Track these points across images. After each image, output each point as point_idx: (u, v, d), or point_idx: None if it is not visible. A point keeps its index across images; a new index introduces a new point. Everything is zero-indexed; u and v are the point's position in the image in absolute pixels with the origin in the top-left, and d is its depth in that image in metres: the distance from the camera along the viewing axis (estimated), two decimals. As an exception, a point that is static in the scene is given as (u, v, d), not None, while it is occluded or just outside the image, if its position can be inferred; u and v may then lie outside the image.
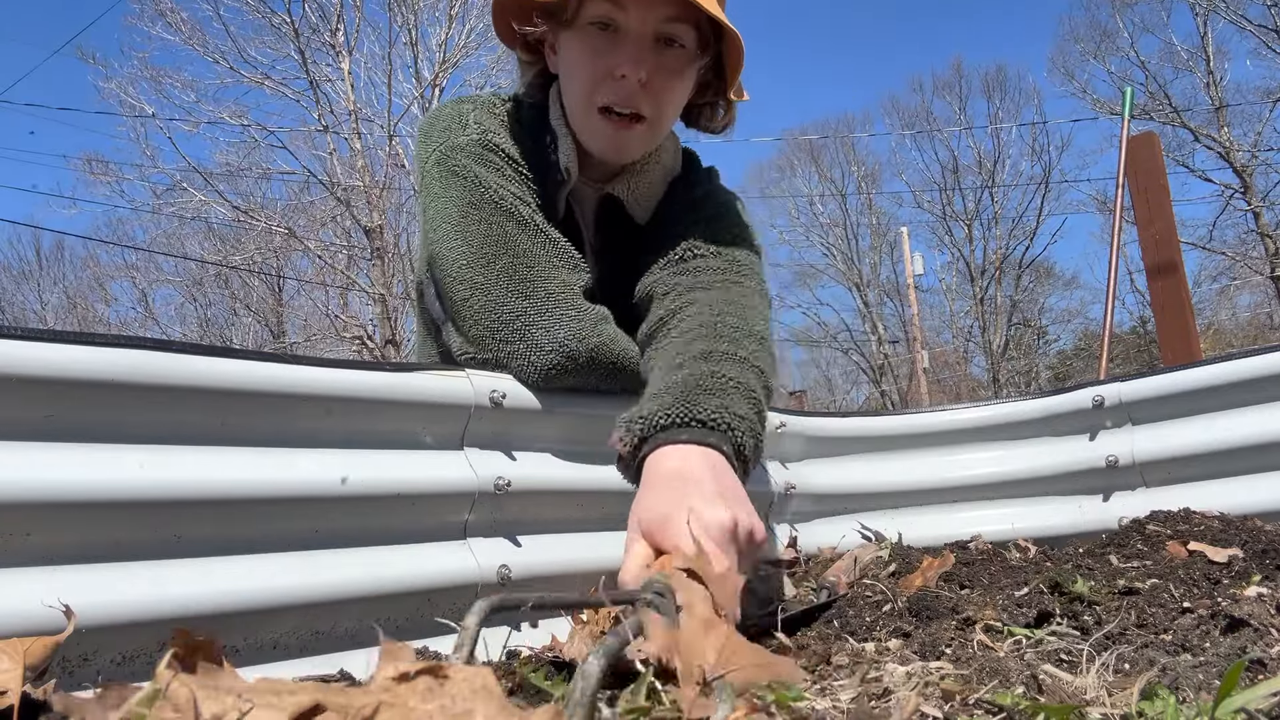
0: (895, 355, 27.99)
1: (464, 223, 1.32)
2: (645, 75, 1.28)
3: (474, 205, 1.33)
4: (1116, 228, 4.02)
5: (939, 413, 1.93)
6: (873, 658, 0.88)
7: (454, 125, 1.39)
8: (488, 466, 1.23)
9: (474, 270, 1.31)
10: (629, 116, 1.32)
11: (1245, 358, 1.69)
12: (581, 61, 1.31)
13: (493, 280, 1.29)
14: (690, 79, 1.37)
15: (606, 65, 1.28)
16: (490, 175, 1.35)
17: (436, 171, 1.38)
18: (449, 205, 1.35)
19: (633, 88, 1.29)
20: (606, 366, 1.32)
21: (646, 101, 1.31)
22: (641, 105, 1.31)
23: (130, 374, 0.92)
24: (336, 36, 16.82)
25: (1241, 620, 0.87)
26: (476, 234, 1.31)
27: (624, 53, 1.27)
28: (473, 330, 1.32)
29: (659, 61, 1.30)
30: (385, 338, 16.78)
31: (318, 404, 1.09)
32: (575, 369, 1.29)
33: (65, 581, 0.84)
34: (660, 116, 1.36)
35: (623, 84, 1.29)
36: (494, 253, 1.30)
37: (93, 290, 25.13)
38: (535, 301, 1.28)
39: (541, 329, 1.27)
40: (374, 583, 1.07)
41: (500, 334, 1.28)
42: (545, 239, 1.33)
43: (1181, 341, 3.84)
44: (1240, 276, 23.45)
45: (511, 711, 0.48)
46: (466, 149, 1.36)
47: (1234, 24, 21.32)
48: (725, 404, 1.02)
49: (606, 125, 1.33)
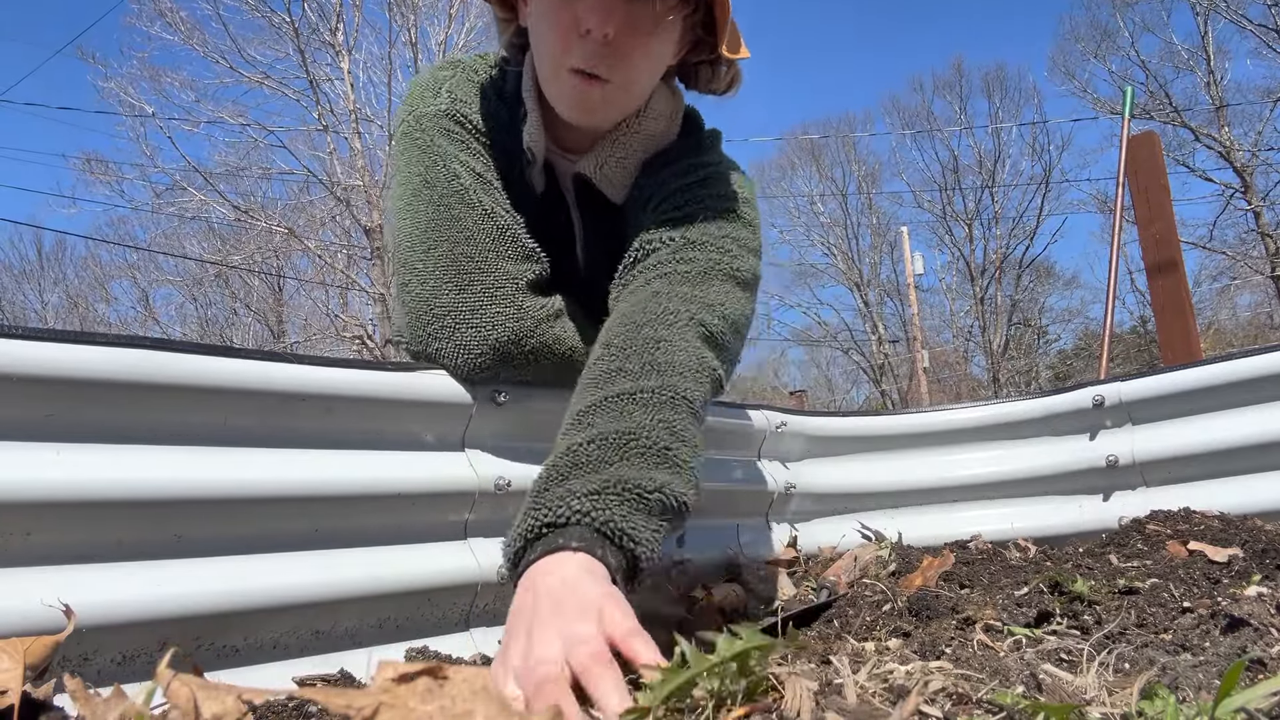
0: (895, 355, 28.00)
1: (414, 202, 1.27)
2: (612, 30, 1.13)
3: (427, 183, 1.26)
4: (1117, 227, 4.02)
5: (939, 413, 1.93)
6: (873, 657, 0.88)
7: (427, 92, 1.32)
8: (488, 466, 1.23)
9: (414, 254, 1.25)
10: (593, 75, 1.18)
11: (1245, 358, 1.69)
12: (550, 21, 1.18)
13: (429, 268, 1.24)
14: (668, 38, 1.22)
15: (573, 18, 1.14)
16: (451, 148, 1.28)
17: (402, 143, 1.32)
18: (405, 182, 1.29)
19: (596, 44, 1.15)
20: (551, 364, 1.27)
21: (612, 61, 1.17)
22: (603, 65, 1.17)
23: (130, 374, 0.92)
24: (336, 36, 16.80)
25: (1241, 620, 0.87)
26: (423, 216, 1.26)
27: (589, 4, 1.13)
28: (406, 318, 1.27)
29: (630, 16, 1.15)
30: (385, 337, 16.76)
31: (318, 403, 1.09)
32: (510, 367, 1.25)
33: (65, 581, 0.84)
34: (629, 80, 1.21)
35: (588, 40, 1.15)
36: (436, 238, 1.24)
37: (93, 290, 25.16)
38: (469, 296, 1.22)
39: (472, 328, 1.21)
40: (374, 583, 1.07)
41: (430, 327, 1.23)
42: (493, 226, 1.25)
43: (1181, 341, 3.84)
44: (1240, 276, 23.45)
45: (511, 712, 0.48)
46: (433, 118, 1.29)
47: (1234, 23, 21.33)
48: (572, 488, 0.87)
49: (571, 78, 1.19)
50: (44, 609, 0.81)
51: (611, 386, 1.01)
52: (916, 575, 1.32)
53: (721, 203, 1.30)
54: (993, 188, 27.31)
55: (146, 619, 0.88)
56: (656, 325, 1.09)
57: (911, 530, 1.78)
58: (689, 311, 1.13)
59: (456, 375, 1.24)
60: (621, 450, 0.92)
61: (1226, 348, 20.03)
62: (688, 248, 1.23)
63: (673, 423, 0.98)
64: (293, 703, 0.78)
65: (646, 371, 1.02)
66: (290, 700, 0.77)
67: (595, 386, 1.02)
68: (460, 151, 1.28)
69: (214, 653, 0.94)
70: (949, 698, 0.70)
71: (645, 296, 1.16)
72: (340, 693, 0.48)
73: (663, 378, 1.02)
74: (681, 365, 1.05)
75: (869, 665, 0.83)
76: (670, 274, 1.19)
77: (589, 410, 0.99)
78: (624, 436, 0.93)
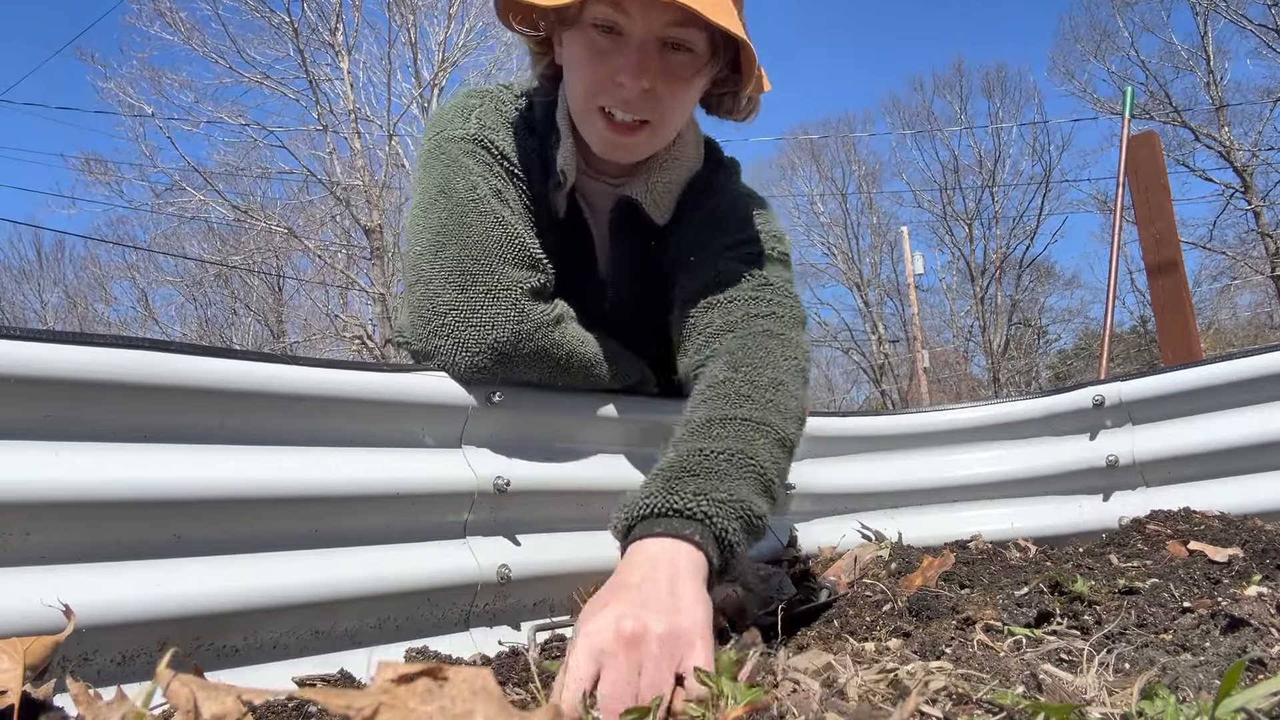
0: (895, 355, 27.99)
1: (431, 209, 1.31)
2: (648, 84, 1.23)
3: (444, 193, 1.31)
4: (1117, 227, 4.02)
5: (939, 413, 1.93)
6: (872, 657, 0.88)
7: (456, 118, 1.38)
8: (487, 466, 1.23)
9: (424, 258, 1.29)
10: (631, 124, 1.28)
11: (1245, 358, 1.69)
12: (584, 63, 1.27)
13: (436, 270, 1.27)
14: (699, 84, 1.32)
15: (609, 69, 1.24)
16: (474, 166, 1.33)
17: (425, 159, 1.37)
18: (423, 193, 1.34)
19: (633, 95, 1.24)
20: (549, 368, 1.31)
21: (649, 107, 1.27)
22: (643, 111, 1.27)
23: (129, 374, 0.92)
24: (336, 36, 16.80)
25: (1241, 620, 0.87)
26: (435, 221, 1.30)
27: (626, 59, 1.22)
28: (410, 318, 1.30)
29: (664, 66, 1.24)
30: (385, 337, 16.76)
31: (315, 404, 1.09)
32: (508, 368, 1.28)
33: (65, 581, 0.84)
34: (664, 122, 1.31)
35: (623, 89, 1.24)
36: (445, 242, 1.28)
37: (93, 290, 25.15)
38: (471, 297, 1.25)
39: (472, 327, 1.24)
40: (374, 582, 1.07)
41: (432, 325, 1.26)
42: (502, 233, 1.29)
43: (1181, 341, 3.84)
44: (1240, 276, 23.45)
45: (511, 712, 0.48)
46: (460, 141, 1.35)
47: (1234, 23, 21.32)
48: (706, 488, 0.99)
49: (606, 129, 1.29)
50: (44, 609, 0.81)
51: (738, 408, 1.13)
52: (916, 575, 1.32)
53: (779, 245, 1.44)
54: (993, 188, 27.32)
55: (146, 619, 0.88)
56: (776, 367, 1.22)
57: (911, 530, 1.78)
58: (797, 361, 1.26)
59: (454, 374, 1.25)
60: (742, 470, 1.04)
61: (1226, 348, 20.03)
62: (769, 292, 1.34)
63: (779, 460, 1.12)
64: (293, 703, 0.78)
65: (769, 408, 1.15)
66: (290, 700, 0.78)
67: (724, 401, 1.15)
68: (483, 170, 1.33)
69: (214, 653, 0.94)
70: (949, 698, 0.70)
71: (759, 333, 1.28)
72: (340, 693, 0.48)
73: (780, 417, 1.15)
74: (792, 410, 1.19)
75: (869, 665, 0.83)
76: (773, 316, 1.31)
77: (717, 421, 1.11)
78: (747, 459, 1.06)
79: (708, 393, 1.18)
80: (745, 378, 1.19)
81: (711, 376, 1.21)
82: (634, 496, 1.01)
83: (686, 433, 1.11)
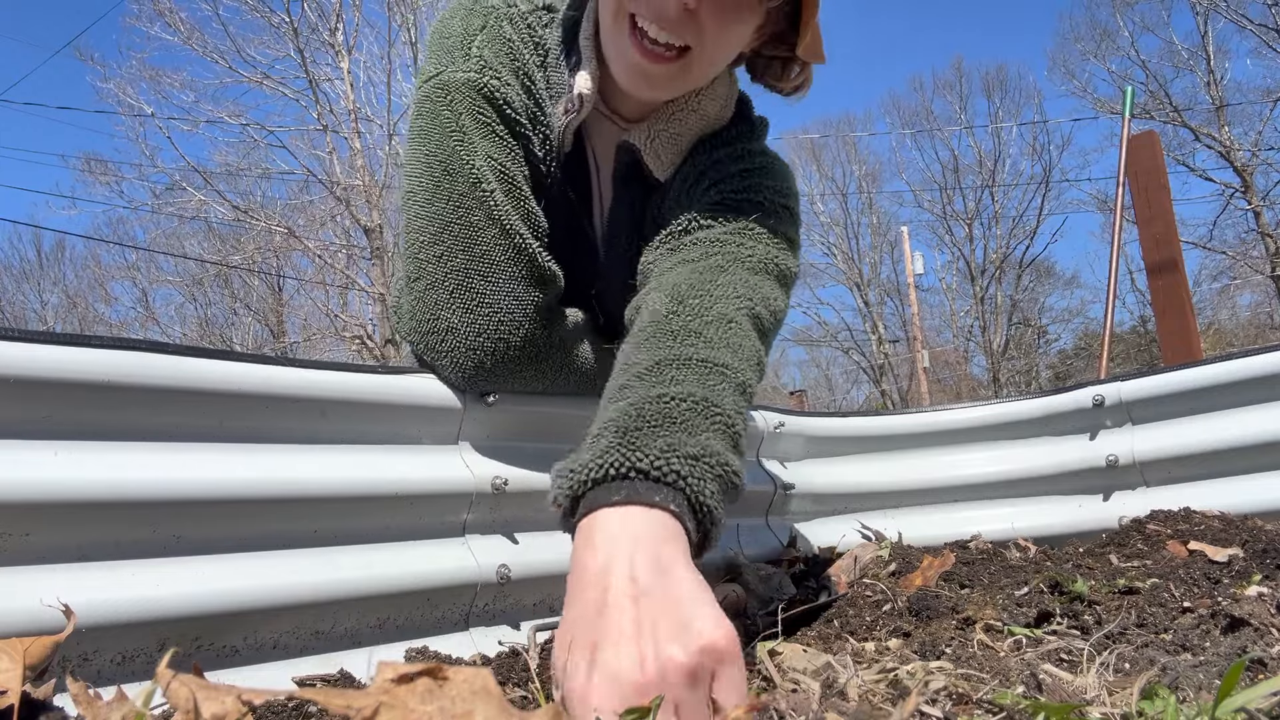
0: (895, 355, 27.99)
1: (435, 192, 1.19)
2: (693, 2, 1.05)
3: (448, 173, 1.18)
4: (1117, 227, 4.02)
5: (939, 413, 1.93)
6: (872, 657, 0.88)
7: (456, 52, 1.22)
8: (484, 466, 1.23)
9: (427, 252, 1.19)
10: (665, 50, 1.10)
11: (1245, 358, 1.69)
12: None
13: (440, 276, 1.18)
14: (751, 21, 1.13)
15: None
16: (477, 134, 1.19)
17: (426, 108, 1.22)
18: (427, 162, 1.21)
19: (674, 11, 1.06)
20: (551, 383, 1.27)
21: (691, 32, 1.08)
22: (683, 34, 1.09)
23: (128, 375, 0.92)
24: (336, 36, 16.81)
25: (1241, 620, 0.87)
26: (440, 211, 1.18)
27: None
28: (411, 318, 1.23)
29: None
30: (385, 337, 16.77)
31: (313, 406, 1.09)
32: (508, 384, 1.24)
33: (65, 581, 0.84)
34: (703, 55, 1.12)
35: (665, 4, 1.06)
36: (451, 245, 1.18)
37: (93, 290, 25.16)
38: (476, 318, 1.18)
39: (473, 351, 1.19)
40: (374, 582, 1.07)
41: (431, 338, 1.20)
42: (510, 244, 1.18)
43: (1182, 341, 3.84)
44: (1240, 276, 23.46)
45: (511, 712, 0.48)
46: (461, 90, 1.19)
47: (1234, 23, 21.33)
48: (673, 443, 0.80)
49: (635, 51, 1.11)
50: (44, 609, 0.81)
51: (689, 347, 0.96)
52: (916, 575, 1.32)
53: (779, 197, 1.27)
54: (993, 187, 27.32)
55: (146, 619, 0.88)
56: (727, 302, 1.05)
57: (911, 530, 1.78)
58: (750, 301, 1.09)
59: (448, 383, 1.24)
60: (709, 420, 0.86)
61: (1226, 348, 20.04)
62: (747, 236, 1.19)
63: (741, 409, 0.94)
64: (293, 703, 0.78)
65: (721, 346, 0.98)
66: (290, 700, 0.77)
67: (671, 339, 0.97)
68: (485, 141, 1.19)
69: (214, 653, 0.94)
70: (949, 698, 0.70)
71: (711, 268, 1.11)
72: (340, 693, 0.48)
73: (736, 358, 0.98)
74: (748, 353, 1.01)
75: (869, 665, 0.83)
76: (733, 256, 1.15)
77: (669, 363, 0.93)
78: (711, 407, 0.88)
79: (650, 329, 1.00)
80: (692, 310, 1.02)
81: (653, 310, 1.04)
82: (578, 458, 0.81)
83: (632, 377, 0.91)
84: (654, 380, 0.90)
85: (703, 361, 0.94)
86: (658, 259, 1.22)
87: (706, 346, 0.97)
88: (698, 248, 1.17)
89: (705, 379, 0.92)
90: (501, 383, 1.24)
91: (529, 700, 0.86)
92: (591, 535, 0.75)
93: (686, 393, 0.87)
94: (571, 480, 0.80)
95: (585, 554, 0.74)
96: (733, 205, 1.23)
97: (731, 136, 1.31)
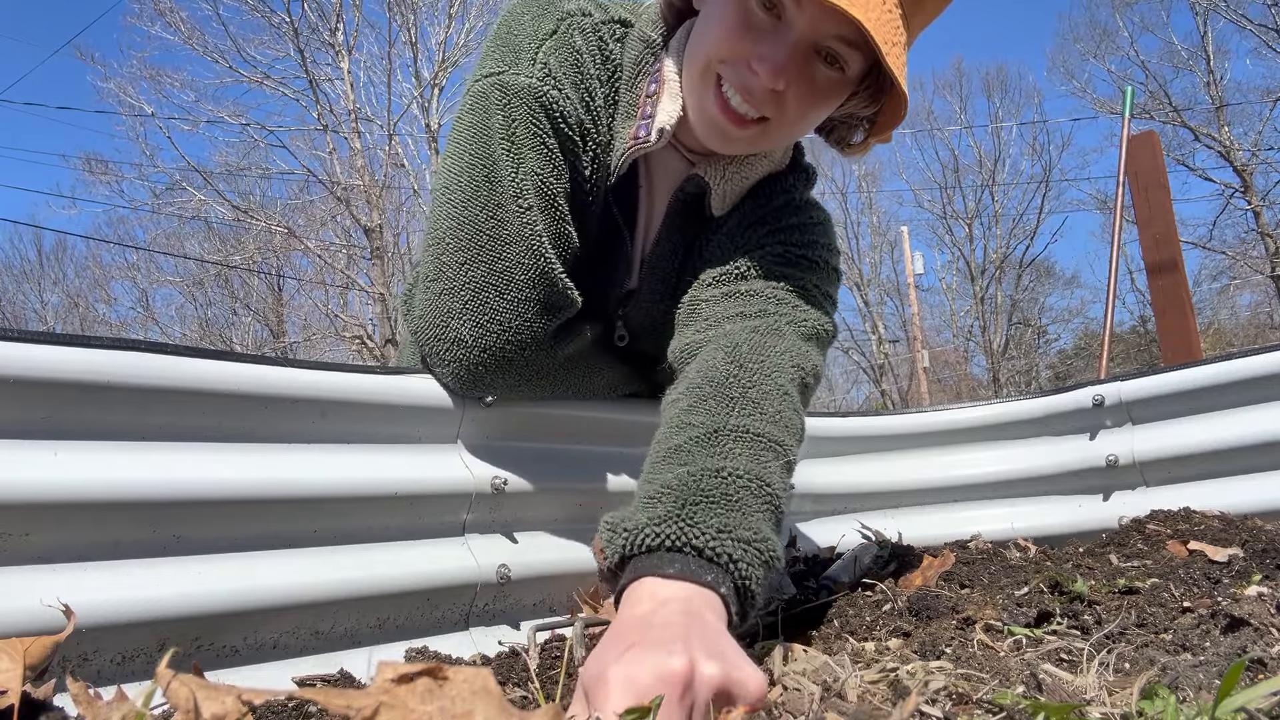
0: (895, 355, 27.99)
1: (472, 197, 1.17)
2: (782, 86, 1.09)
3: (489, 180, 1.16)
4: (1117, 227, 4.02)
5: (939, 413, 1.93)
6: (872, 657, 0.88)
7: (523, 54, 1.19)
8: (483, 466, 1.23)
9: (450, 256, 1.18)
10: (745, 116, 1.13)
11: (1245, 358, 1.69)
12: (728, 29, 1.10)
13: (458, 285, 1.17)
14: (835, 103, 1.17)
15: (751, 48, 1.08)
16: (526, 144, 1.17)
17: (479, 104, 1.19)
18: (468, 167, 1.18)
19: (760, 90, 1.10)
20: (551, 394, 1.29)
21: (771, 107, 1.12)
22: (763, 108, 1.12)
23: (128, 376, 0.92)
24: (336, 36, 16.82)
25: (1241, 620, 0.87)
26: (472, 216, 1.17)
27: (773, 49, 1.07)
28: (420, 319, 1.22)
29: (806, 74, 1.10)
30: (385, 337, 16.78)
31: (312, 406, 1.09)
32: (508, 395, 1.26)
33: (65, 581, 0.84)
34: (781, 127, 1.16)
35: (754, 78, 1.09)
36: (476, 254, 1.17)
37: (93, 290, 25.15)
38: (484, 334, 1.18)
39: (481, 366, 1.19)
40: (373, 582, 1.07)
41: (437, 346, 1.20)
42: (534, 265, 1.17)
43: (1181, 341, 3.85)
44: (1240, 276, 23.47)
45: (511, 712, 0.48)
46: (521, 96, 1.17)
47: (1234, 23, 21.33)
48: (729, 523, 0.84)
49: (717, 109, 1.13)
50: (44, 609, 0.81)
51: (747, 418, 0.99)
52: (916, 575, 1.32)
53: (830, 256, 1.31)
54: (993, 187, 27.31)
55: (146, 619, 0.88)
56: (783, 373, 1.09)
57: (911, 530, 1.78)
58: (802, 371, 1.13)
59: (446, 389, 1.24)
60: (760, 499, 0.91)
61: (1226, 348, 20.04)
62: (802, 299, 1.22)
63: (787, 487, 0.99)
64: (293, 703, 0.78)
65: (775, 422, 1.01)
66: (290, 700, 0.77)
67: (730, 405, 1.01)
68: (535, 154, 1.18)
69: (214, 653, 0.94)
70: (949, 698, 0.70)
71: (769, 330, 1.15)
72: (340, 693, 0.48)
73: (788, 435, 1.02)
74: (797, 430, 1.06)
75: (869, 665, 0.83)
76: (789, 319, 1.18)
77: (728, 433, 0.97)
78: (764, 487, 0.92)
79: (707, 389, 1.04)
80: (750, 379, 1.05)
81: (711, 366, 1.08)
82: (635, 517, 0.85)
83: (689, 440, 0.96)
84: (711, 450, 0.94)
85: (758, 436, 0.98)
86: (711, 300, 1.23)
87: (763, 420, 1.00)
88: (755, 302, 1.20)
89: (760, 455, 0.96)
90: (498, 393, 1.26)
91: (529, 700, 0.86)
92: (641, 597, 0.79)
93: (743, 469, 0.92)
94: (625, 540, 0.83)
95: (637, 603, 0.78)
96: (792, 261, 1.26)
97: (789, 185, 1.34)
